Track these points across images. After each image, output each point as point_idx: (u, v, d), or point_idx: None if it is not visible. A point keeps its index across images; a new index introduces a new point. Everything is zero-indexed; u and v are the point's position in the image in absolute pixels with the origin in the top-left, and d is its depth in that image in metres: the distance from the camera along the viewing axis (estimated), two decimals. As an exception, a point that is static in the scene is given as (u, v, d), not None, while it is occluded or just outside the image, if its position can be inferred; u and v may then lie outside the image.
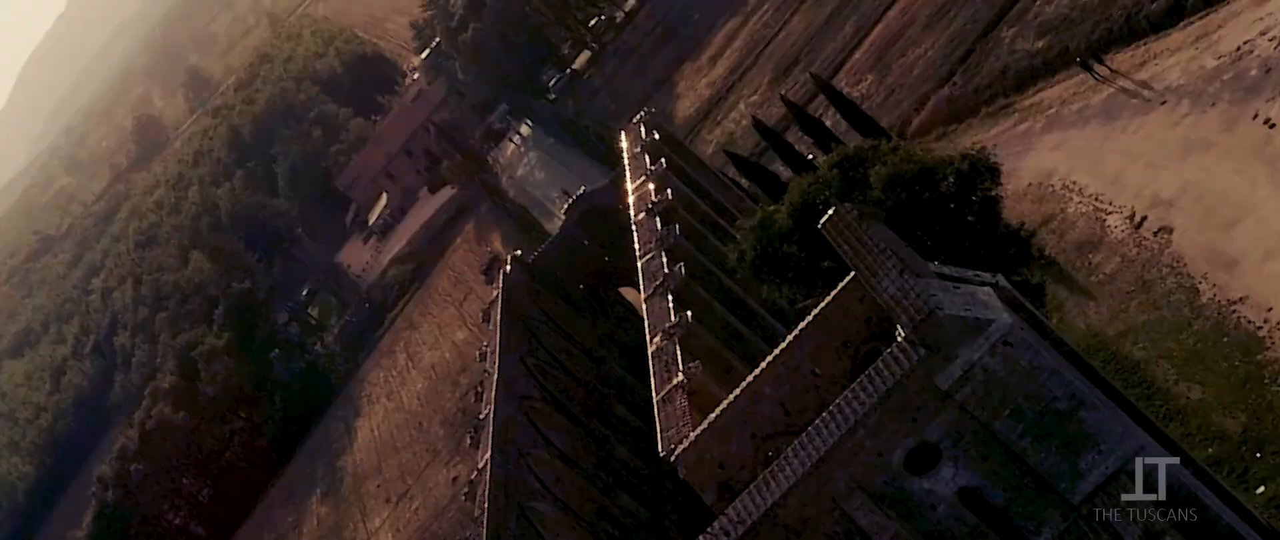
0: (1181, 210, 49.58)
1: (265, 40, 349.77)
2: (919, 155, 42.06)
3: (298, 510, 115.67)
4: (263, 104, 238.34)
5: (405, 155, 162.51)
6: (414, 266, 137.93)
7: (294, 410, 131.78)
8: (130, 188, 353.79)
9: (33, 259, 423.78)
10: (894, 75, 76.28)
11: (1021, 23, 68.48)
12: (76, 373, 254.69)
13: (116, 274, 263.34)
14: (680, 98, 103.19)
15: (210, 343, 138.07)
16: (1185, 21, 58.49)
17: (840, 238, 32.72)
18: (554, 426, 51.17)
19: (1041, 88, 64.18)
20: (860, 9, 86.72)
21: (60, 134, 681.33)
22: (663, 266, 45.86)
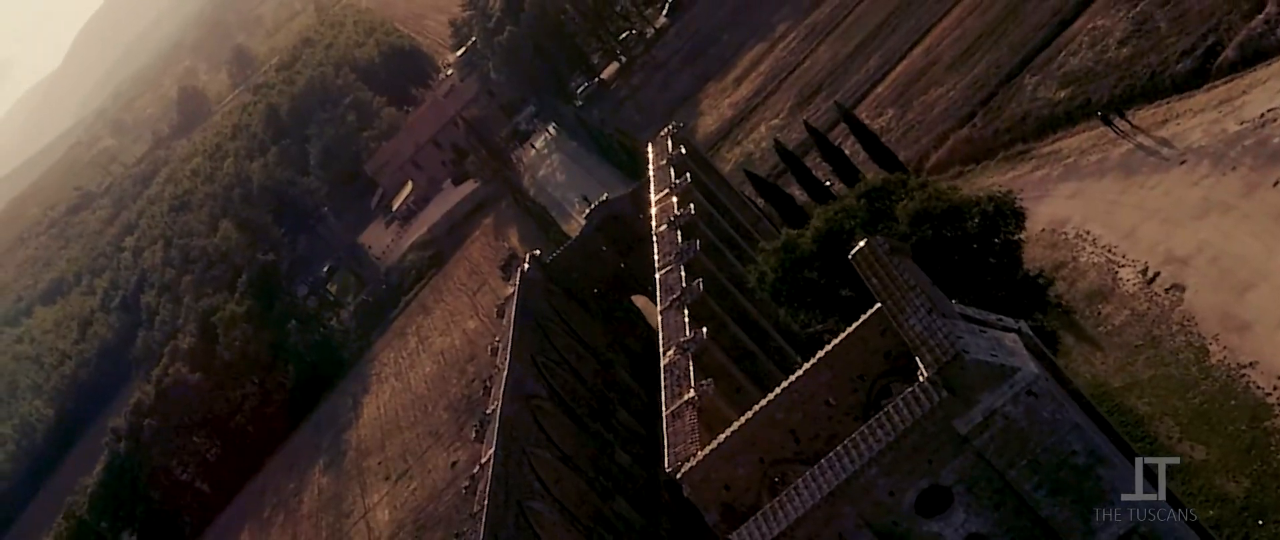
0: (1196, 270, 47.31)
1: (310, 25, 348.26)
2: (947, 193, 39.82)
3: (300, 478, 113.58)
4: (302, 85, 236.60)
5: (433, 146, 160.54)
6: (432, 254, 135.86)
7: (305, 381, 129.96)
8: (170, 154, 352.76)
9: (71, 212, 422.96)
10: (915, 112, 74.08)
11: (1045, 72, 66.22)
12: (103, 325, 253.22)
13: (149, 234, 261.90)
14: (703, 115, 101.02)
15: (231, 309, 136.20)
16: (1210, 85, 56.22)
17: (870, 270, 30.59)
18: (558, 427, 49.05)
19: (1061, 137, 61.91)
20: (886, 45, 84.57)
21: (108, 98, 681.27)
22: (681, 280, 43.74)
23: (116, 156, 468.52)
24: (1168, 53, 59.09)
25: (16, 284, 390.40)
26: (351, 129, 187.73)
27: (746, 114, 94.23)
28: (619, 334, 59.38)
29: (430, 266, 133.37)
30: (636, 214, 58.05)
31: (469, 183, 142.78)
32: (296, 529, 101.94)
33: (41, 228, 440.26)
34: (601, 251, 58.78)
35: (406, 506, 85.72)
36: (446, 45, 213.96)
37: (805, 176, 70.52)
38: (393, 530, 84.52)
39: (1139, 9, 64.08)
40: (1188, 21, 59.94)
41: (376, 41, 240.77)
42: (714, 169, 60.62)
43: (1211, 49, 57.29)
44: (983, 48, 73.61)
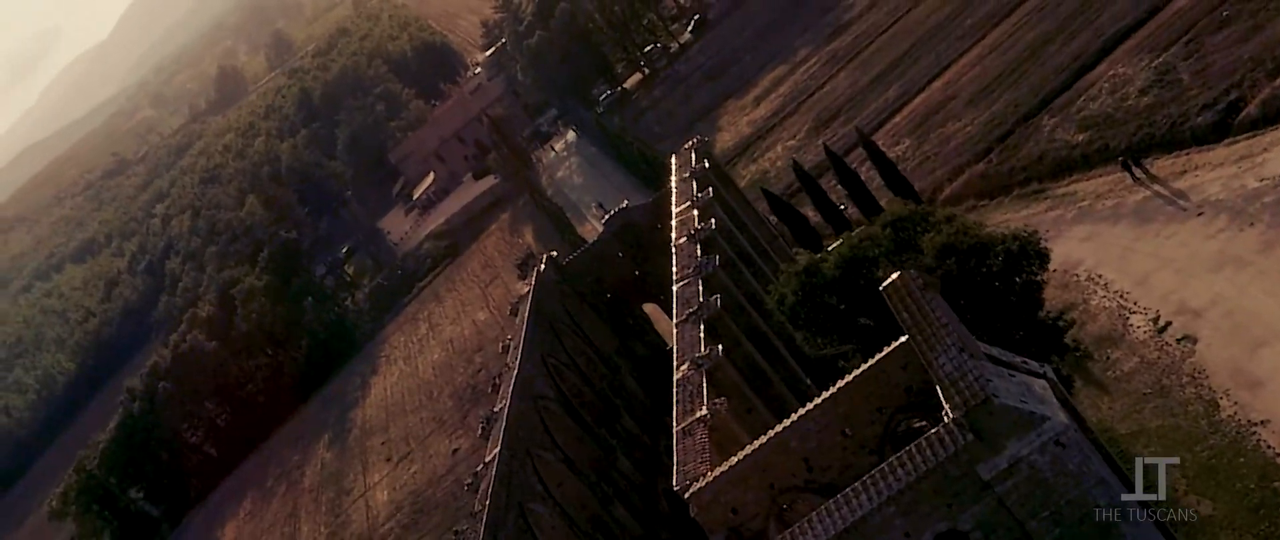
0: (1208, 322, 44.93)
1: (347, 16, 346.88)
2: (974, 229, 37.55)
3: (305, 451, 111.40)
4: (335, 73, 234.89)
5: (457, 141, 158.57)
6: (448, 244, 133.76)
7: (317, 357, 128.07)
8: (204, 129, 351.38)
9: (107, 177, 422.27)
10: (931, 144, 71.80)
11: (1064, 114, 63.90)
12: (128, 286, 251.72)
13: (179, 204, 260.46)
14: (721, 131, 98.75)
15: (250, 282, 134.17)
16: (1230, 140, 53.83)
17: (901, 304, 28.33)
18: (563, 430, 46.80)
19: (1077, 179, 59.52)
20: (905, 76, 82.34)
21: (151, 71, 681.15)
22: (698, 294, 41.48)
23: (154, 127, 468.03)
24: (1189, 105, 56.77)
25: (50, 240, 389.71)
26: (380, 118, 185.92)
27: (764, 133, 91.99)
28: (628, 340, 57.12)
29: (445, 256, 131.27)
30: (654, 223, 55.89)
31: (489, 178, 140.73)
32: (297, 501, 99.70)
33: (78, 189, 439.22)
34: (617, 258, 56.53)
35: (405, 489, 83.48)
36: (477, 44, 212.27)
37: (820, 198, 68.31)
38: (390, 511, 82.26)
39: (1161, 60, 61.77)
40: (1210, 76, 57.64)
41: (409, 36, 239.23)
42: (734, 185, 58.34)
43: (1234, 104, 54.96)
44: (1002, 86, 71.34)
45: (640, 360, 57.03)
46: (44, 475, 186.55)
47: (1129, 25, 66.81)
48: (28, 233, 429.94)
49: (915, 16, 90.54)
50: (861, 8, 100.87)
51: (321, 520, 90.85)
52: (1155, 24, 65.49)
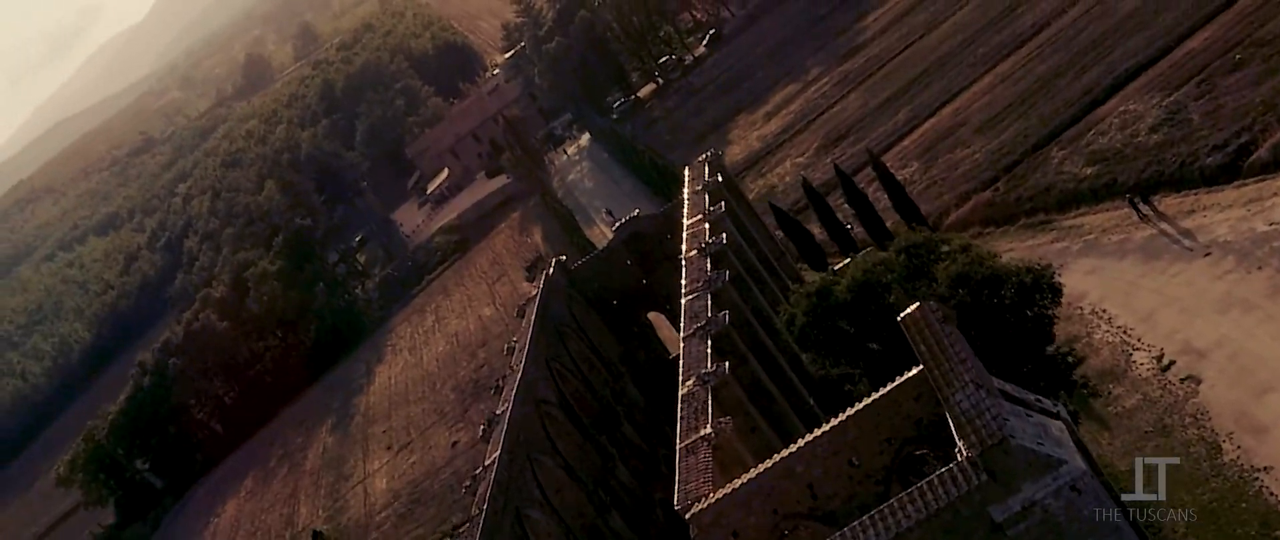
0: (1213, 363, 43.19)
1: (373, 13, 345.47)
2: (989, 260, 35.86)
3: (308, 434, 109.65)
4: (358, 67, 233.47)
5: (472, 139, 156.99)
6: (459, 239, 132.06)
7: (325, 342, 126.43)
8: (229, 113, 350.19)
9: (134, 154, 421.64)
10: (939, 169, 70.06)
11: (1073, 147, 62.13)
12: (147, 262, 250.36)
13: (200, 184, 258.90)
14: (732, 144, 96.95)
15: (264, 266, 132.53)
16: (1239, 182, 52.05)
17: (919, 336, 26.67)
18: (564, 436, 45.09)
19: (1083, 212, 57.74)
20: (916, 101, 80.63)
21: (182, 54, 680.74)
22: (707, 309, 39.79)
23: (182, 109, 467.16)
24: (1199, 145, 55.04)
25: (76, 212, 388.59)
26: (398, 113, 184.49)
27: (774, 148, 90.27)
28: (632, 347, 55.39)
29: (455, 251, 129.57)
30: (664, 233, 54.19)
31: (501, 177, 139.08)
32: (298, 483, 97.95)
33: (105, 164, 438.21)
34: (625, 265, 54.80)
35: (404, 478, 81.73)
36: (497, 46, 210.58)
37: (828, 217, 66.70)
38: (388, 499, 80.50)
39: (1172, 98, 60.05)
40: (1221, 117, 55.93)
41: (432, 35, 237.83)
42: (745, 199, 56.60)
43: (1244, 147, 53.24)
44: (1012, 116, 69.61)
45: (643, 368, 55.36)
46: (55, 440, 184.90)
47: (1141, 63, 65.07)
48: (54, 203, 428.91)
49: (928, 43, 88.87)
50: (875, 31, 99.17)
51: (320, 504, 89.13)
52: (1167, 63, 63.79)
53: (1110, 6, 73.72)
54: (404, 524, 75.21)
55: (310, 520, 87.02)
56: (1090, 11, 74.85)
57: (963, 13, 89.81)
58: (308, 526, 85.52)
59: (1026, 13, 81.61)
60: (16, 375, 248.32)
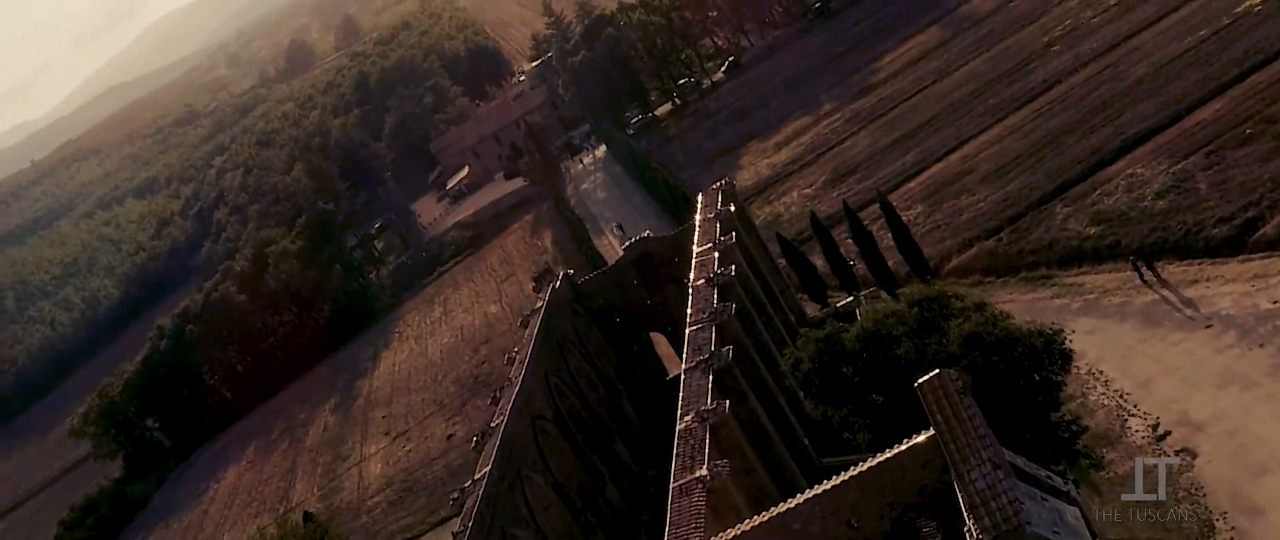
0: (1210, 438, 40.20)
1: (412, 11, 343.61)
2: (1002, 321, 32.95)
3: (311, 410, 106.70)
4: (392, 62, 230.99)
5: (494, 141, 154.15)
6: (473, 235, 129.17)
7: (337, 322, 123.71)
8: (269, 94, 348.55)
9: (176, 125, 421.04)
10: (943, 213, 67.09)
11: (1078, 205, 59.12)
12: (178, 228, 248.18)
13: (235, 159, 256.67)
14: (742, 169, 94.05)
15: (285, 244, 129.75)
16: (1245, 256, 49.09)
17: (936, 405, 23.74)
18: (556, 452, 42.10)
19: (1085, 271, 54.73)
20: (924, 145, 77.71)
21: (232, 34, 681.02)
22: (711, 341, 36.83)
23: (226, 86, 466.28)
24: (1205, 215, 52.06)
25: (117, 174, 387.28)
26: (426, 109, 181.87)
27: (782, 177, 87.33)
28: (630, 365, 52.44)
29: (468, 246, 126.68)
30: (673, 256, 51.26)
31: (518, 180, 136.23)
32: (296, 458, 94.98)
33: (149, 132, 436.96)
34: (632, 284, 51.85)
35: (398, 465, 78.77)
36: (525, 54, 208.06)
37: (832, 251, 63.79)
38: (381, 485, 77.55)
39: (1181, 167, 57.05)
40: (1229, 190, 52.95)
41: (465, 38, 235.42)
42: (755, 230, 53.63)
43: (1251, 222, 50.27)
44: (1019, 168, 66.64)
45: (639, 386, 52.40)
46: (75, 390, 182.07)
47: (1150, 128, 62.10)
48: (98, 165, 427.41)
49: (940, 88, 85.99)
50: (888, 73, 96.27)
51: (316, 481, 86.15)
52: (1177, 130, 60.82)
53: (1121, 71, 70.88)
54: (394, 511, 72.28)
55: (305, 497, 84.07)
56: (1102, 74, 71.96)
57: (975, 63, 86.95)
58: (302, 503, 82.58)
59: (1038, 69, 78.76)
60: (46, 323, 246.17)
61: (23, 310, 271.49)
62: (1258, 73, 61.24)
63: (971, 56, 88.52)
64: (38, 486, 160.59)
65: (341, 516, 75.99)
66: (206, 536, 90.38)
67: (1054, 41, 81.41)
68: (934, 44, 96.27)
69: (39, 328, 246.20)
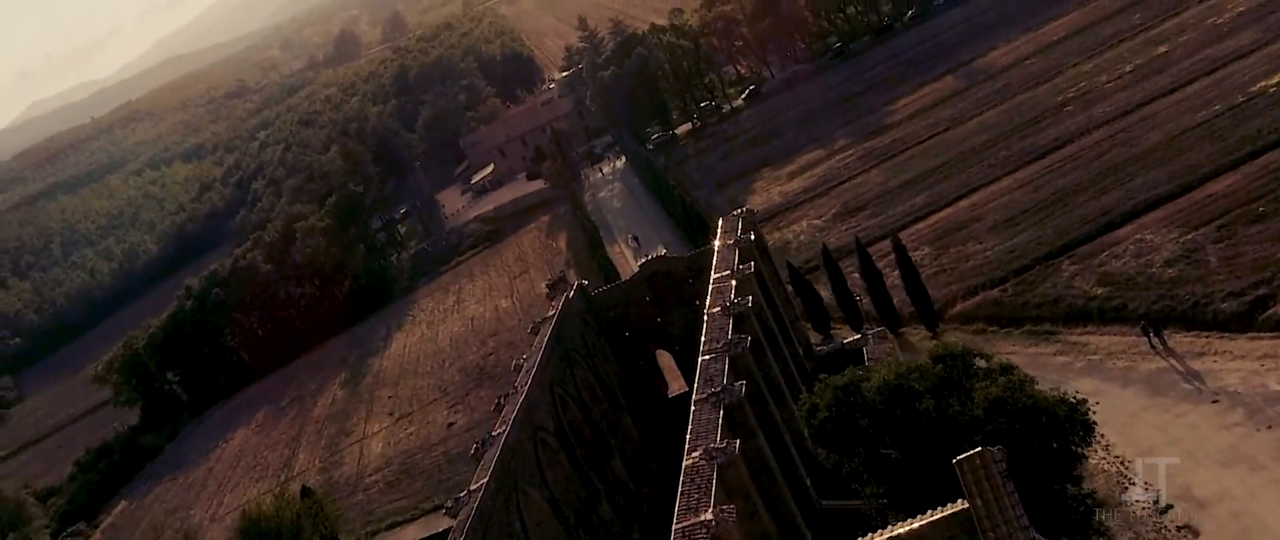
0: (1213, 517, 36.62)
1: (455, 14, 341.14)
2: (1029, 387, 29.35)
3: (322, 381, 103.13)
4: (432, 59, 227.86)
5: (520, 142, 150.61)
6: (492, 229, 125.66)
7: (355, 299, 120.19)
8: (315, 78, 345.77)
9: (228, 97, 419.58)
10: (949, 258, 63.48)
11: (1086, 264, 55.48)
12: (217, 194, 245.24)
13: (277, 135, 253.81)
14: (754, 193, 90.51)
15: (314, 221, 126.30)
16: (1254, 334, 45.48)
17: (975, 484, 20.16)
18: (555, 465, 38.50)
19: (1090, 331, 51.10)
20: (934, 188, 74.11)
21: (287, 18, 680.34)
22: (723, 374, 33.25)
23: (277, 66, 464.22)
24: (1214, 288, 48.48)
25: (168, 137, 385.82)
26: (459, 106, 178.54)
27: (793, 206, 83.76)
28: (634, 381, 48.84)
29: (486, 240, 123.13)
30: (687, 277, 47.70)
31: (539, 182, 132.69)
32: (302, 428, 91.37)
33: (202, 101, 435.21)
34: (644, 300, 48.27)
35: (398, 447, 75.16)
36: (556, 64, 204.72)
37: (840, 285, 60.31)
38: (380, 464, 73.95)
39: (1190, 237, 53.42)
40: (1240, 265, 49.35)
41: (502, 43, 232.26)
42: (771, 259, 50.01)
43: (1261, 300, 46.64)
44: (1028, 221, 63.00)
45: (641, 402, 48.79)
46: (106, 336, 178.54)
47: (1161, 195, 58.46)
48: (152, 127, 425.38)
49: (952, 136, 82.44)
50: (902, 116, 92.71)
51: (318, 453, 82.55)
52: (1188, 200, 57.14)
53: (1134, 136, 67.26)
54: (390, 492, 68.69)
55: (307, 467, 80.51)
56: (1114, 137, 68.35)
57: (988, 115, 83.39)
58: (303, 473, 79.02)
59: (1050, 127, 75.13)
60: (87, 270, 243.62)
61: (67, 255, 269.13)
62: (1271, 152, 57.69)
63: (985, 108, 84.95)
64: (61, 423, 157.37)
65: (339, 491, 72.45)
66: (209, 494, 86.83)
67: (1067, 102, 77.83)
68: (948, 93, 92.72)
69: (79, 274, 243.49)
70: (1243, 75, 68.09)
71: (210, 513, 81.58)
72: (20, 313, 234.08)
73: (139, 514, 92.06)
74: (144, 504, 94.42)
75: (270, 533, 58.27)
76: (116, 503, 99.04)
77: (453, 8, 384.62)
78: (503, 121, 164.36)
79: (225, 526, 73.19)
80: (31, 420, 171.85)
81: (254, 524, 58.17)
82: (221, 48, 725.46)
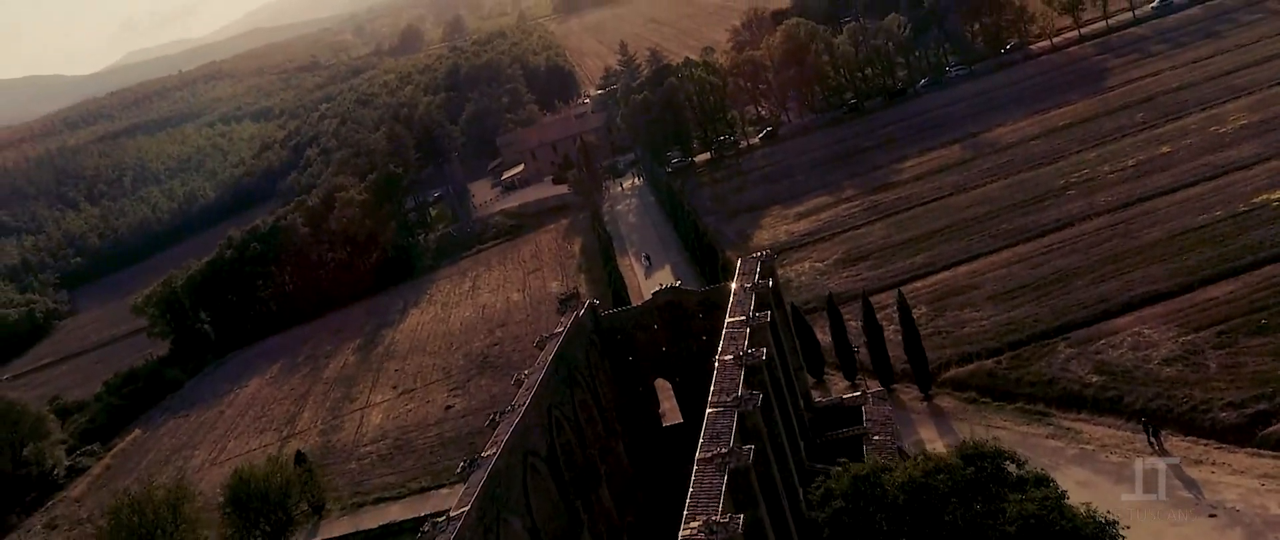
0: (1210, 645, 30.92)
1: (509, 25, 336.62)
2: (1068, 510, 23.56)
3: (336, 344, 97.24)
4: (482, 61, 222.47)
5: (551, 148, 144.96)
6: (514, 224, 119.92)
7: (381, 271, 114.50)
8: (378, 64, 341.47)
9: (299, 70, 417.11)
10: (946, 321, 57.66)
11: (1082, 349, 49.62)
12: (275, 154, 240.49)
13: (335, 110, 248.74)
14: (762, 228, 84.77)
15: (353, 193, 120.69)
16: (1254, 449, 39.71)
17: None
18: (541, 492, 32.61)
19: (1084, 419, 45.31)
20: (935, 249, 68.33)
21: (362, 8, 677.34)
22: (731, 433, 27.41)
23: (347, 49, 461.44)
24: (1214, 395, 42.66)
25: (242, 98, 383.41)
26: (500, 107, 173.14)
27: (798, 245, 77.96)
28: (632, 408, 42.95)
29: (508, 233, 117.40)
30: (698, 312, 41.85)
31: (564, 187, 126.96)
32: (310, 388, 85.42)
33: (276, 70, 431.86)
34: (653, 328, 42.46)
35: (396, 422, 69.30)
36: (593, 82, 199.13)
37: (840, 333, 54.59)
38: (376, 436, 68.09)
39: (1190, 338, 47.52)
40: (1240, 376, 43.49)
41: (547, 56, 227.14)
42: (785, 307, 44.12)
43: (1263, 415, 40.78)
44: (1025, 297, 57.17)
45: (636, 430, 42.91)
46: (157, 267, 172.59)
47: (1160, 292, 52.53)
48: (230, 87, 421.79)
49: (955, 201, 76.65)
50: (909, 176, 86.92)
51: (321, 415, 76.66)
52: (1187, 301, 51.20)
53: (1134, 229, 61.38)
54: (381, 466, 62.80)
55: (309, 427, 74.65)
56: (1115, 228, 62.43)
57: (991, 187, 77.55)
58: (304, 432, 73.20)
59: (1052, 207, 69.27)
60: (150, 206, 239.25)
61: (135, 190, 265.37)
62: (1273, 264, 51.78)
63: (989, 180, 79.16)
64: (102, 341, 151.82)
65: (334, 456, 66.61)
66: (216, 437, 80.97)
67: (1070, 185, 72.00)
68: (955, 160, 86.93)
69: (143, 207, 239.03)
70: (1245, 185, 62.28)
71: (212, 456, 75.74)
72: (85, 235, 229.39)
73: (149, 445, 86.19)
74: (156, 435, 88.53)
75: (258, 494, 52.55)
76: (132, 429, 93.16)
77: (508, 19, 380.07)
78: (538, 127, 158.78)
79: (222, 472, 67.32)
80: (77, 334, 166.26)
81: (243, 483, 52.42)
82: (302, 26, 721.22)
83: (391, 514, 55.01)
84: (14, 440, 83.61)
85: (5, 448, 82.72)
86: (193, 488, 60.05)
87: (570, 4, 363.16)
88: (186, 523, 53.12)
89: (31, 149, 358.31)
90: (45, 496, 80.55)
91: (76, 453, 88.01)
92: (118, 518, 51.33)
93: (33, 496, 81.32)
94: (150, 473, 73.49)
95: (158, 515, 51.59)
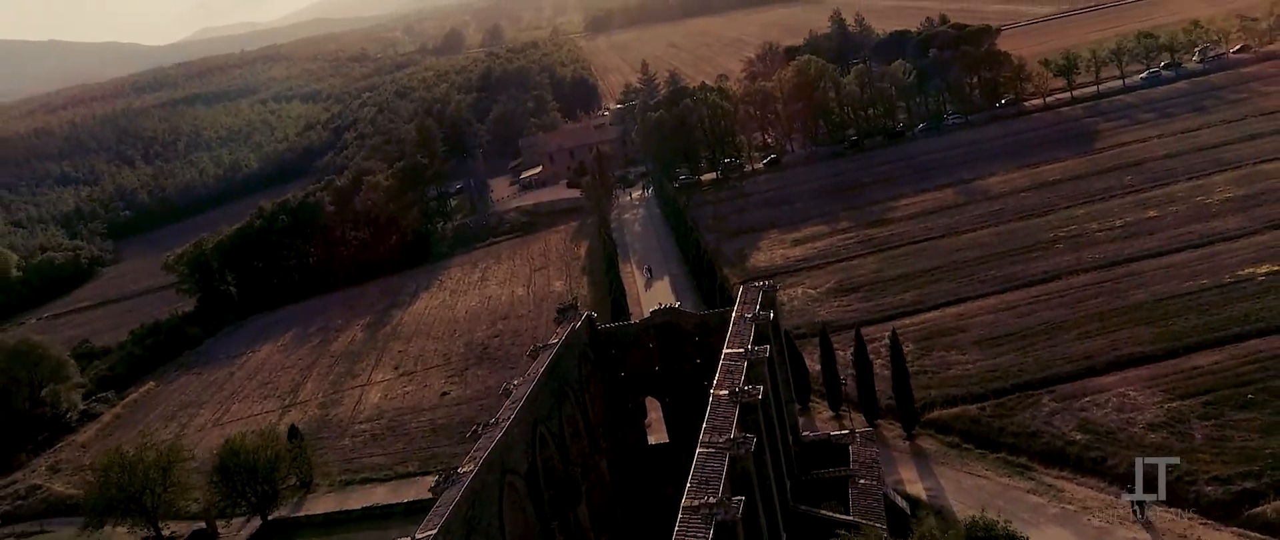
0: None
1: (543, 37, 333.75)
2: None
3: (347, 318, 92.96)
4: (514, 68, 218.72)
5: (568, 154, 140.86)
6: (527, 222, 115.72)
7: (398, 253, 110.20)
8: (422, 62, 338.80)
9: (349, 60, 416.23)
10: (932, 360, 53.42)
11: (1067, 405, 45.37)
12: (316, 134, 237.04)
13: (375, 99, 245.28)
14: (760, 250, 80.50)
15: (380, 178, 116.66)
16: (1239, 529, 35.22)
17: None
18: (515, 510, 28.22)
19: (1066, 476, 41.01)
20: (926, 289, 64.08)
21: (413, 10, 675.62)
22: (721, 478, 23.13)
23: (395, 45, 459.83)
24: (1199, 467, 38.32)
25: (294, 79, 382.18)
26: (525, 111, 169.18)
27: (793, 270, 73.68)
28: (618, 424, 38.62)
29: (520, 230, 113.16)
30: (694, 335, 37.55)
31: (576, 191, 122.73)
32: (316, 360, 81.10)
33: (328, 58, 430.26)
34: (648, 347, 38.16)
35: (392, 404, 65.03)
36: (614, 96, 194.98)
37: (829, 362, 50.39)
38: (372, 414, 63.82)
39: (1176, 405, 43.21)
40: (1227, 450, 39.20)
41: (573, 69, 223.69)
42: (781, 337, 39.76)
43: (1249, 493, 36.50)
44: (1011, 345, 52.88)
45: (620, 447, 38.55)
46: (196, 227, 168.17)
47: (1145, 354, 48.28)
48: (285, 69, 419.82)
49: (946, 244, 72.38)
50: (903, 214, 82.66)
51: (322, 388, 72.38)
52: (1172, 366, 46.86)
53: (1121, 289, 57.05)
54: (373, 445, 58.55)
55: (310, 398, 70.36)
56: (1102, 285, 58.12)
57: (982, 233, 73.26)
58: (305, 402, 68.92)
59: (1040, 259, 64.99)
60: (197, 170, 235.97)
61: (186, 154, 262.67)
62: (1259, 339, 47.47)
63: (979, 226, 74.87)
64: (138, 291, 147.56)
65: (329, 430, 62.33)
66: (222, 398, 76.69)
67: (1058, 239, 67.72)
68: (948, 203, 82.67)
69: (191, 171, 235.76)
70: (1230, 256, 58.00)
71: (216, 416, 71.47)
72: (136, 191, 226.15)
73: (159, 398, 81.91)
74: (168, 389, 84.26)
75: (246, 466, 48.30)
76: (147, 381, 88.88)
77: (542, 32, 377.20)
78: (559, 132, 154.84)
79: (223, 432, 63.07)
80: (118, 283, 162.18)
81: (233, 455, 48.17)
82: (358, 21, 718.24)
83: (376, 496, 50.77)
84: (33, 380, 79.37)
85: (24, 387, 78.49)
86: (189, 448, 55.85)
87: (600, 23, 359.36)
88: (176, 486, 48.98)
89: (100, 108, 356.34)
90: (56, 438, 76.31)
91: (92, 398, 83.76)
92: (107, 476, 47.09)
93: (45, 436, 77.10)
94: (153, 427, 69.20)
95: (147, 477, 47.39)
